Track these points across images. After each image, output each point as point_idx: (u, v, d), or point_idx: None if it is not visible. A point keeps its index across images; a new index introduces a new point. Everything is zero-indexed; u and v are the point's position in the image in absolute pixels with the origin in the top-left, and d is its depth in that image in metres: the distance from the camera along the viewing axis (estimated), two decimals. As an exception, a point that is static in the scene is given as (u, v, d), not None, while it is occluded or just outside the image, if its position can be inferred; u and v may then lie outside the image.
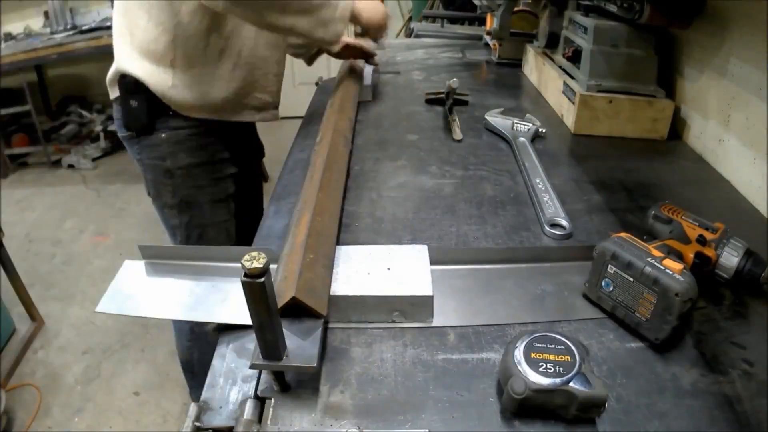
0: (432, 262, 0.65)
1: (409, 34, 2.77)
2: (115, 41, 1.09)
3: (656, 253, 0.60)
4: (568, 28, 1.28)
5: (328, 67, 3.80)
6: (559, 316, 0.62)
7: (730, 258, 0.66)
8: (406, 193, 0.90)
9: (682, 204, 0.88)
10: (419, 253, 0.66)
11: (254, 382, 0.55)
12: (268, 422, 0.49)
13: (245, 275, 0.42)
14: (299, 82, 3.98)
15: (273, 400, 0.51)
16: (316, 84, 1.57)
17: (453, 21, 2.65)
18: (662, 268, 0.57)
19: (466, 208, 0.85)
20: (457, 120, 1.17)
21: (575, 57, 1.19)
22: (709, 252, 0.67)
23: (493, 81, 1.56)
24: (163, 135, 1.11)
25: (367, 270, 0.63)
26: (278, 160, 1.13)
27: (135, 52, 1.05)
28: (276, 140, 3.56)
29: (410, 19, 3.49)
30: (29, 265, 2.24)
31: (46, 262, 2.46)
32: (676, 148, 1.08)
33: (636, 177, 0.96)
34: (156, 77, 1.05)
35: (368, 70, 1.46)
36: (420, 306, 0.60)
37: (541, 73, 1.40)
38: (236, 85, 1.11)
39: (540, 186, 0.89)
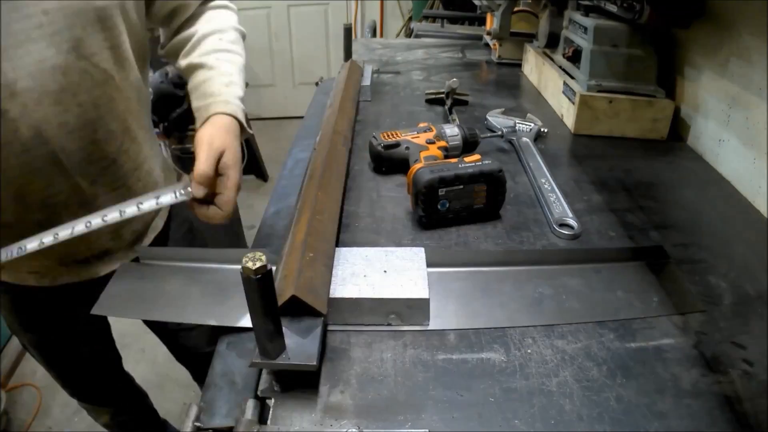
0: (429, 265, 0.65)
1: (409, 34, 2.78)
2: None
3: (452, 160, 0.80)
4: (568, 28, 1.28)
5: (328, 67, 3.82)
6: (557, 319, 0.61)
7: (454, 131, 0.95)
8: (406, 193, 0.90)
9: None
10: (416, 255, 0.66)
11: (254, 382, 0.55)
12: (268, 422, 0.49)
13: (246, 274, 0.42)
14: (299, 82, 3.99)
15: (273, 400, 0.51)
16: (316, 84, 1.57)
17: (453, 21, 2.65)
18: (471, 163, 0.77)
19: (466, 208, 0.85)
20: (457, 120, 1.17)
21: (575, 57, 1.19)
22: (441, 142, 0.93)
23: (493, 81, 1.56)
24: None
25: (363, 272, 0.63)
26: (278, 160, 1.13)
27: None
28: (276, 140, 3.57)
29: (410, 19, 3.50)
30: (29, 265, 2.24)
31: (46, 262, 2.46)
32: (676, 148, 1.08)
33: (636, 177, 0.96)
34: None
35: (368, 69, 1.46)
36: (416, 309, 0.60)
37: (541, 73, 1.40)
38: (30, 232, 0.67)
39: (546, 186, 0.89)
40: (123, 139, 0.79)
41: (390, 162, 0.92)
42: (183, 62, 0.83)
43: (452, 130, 0.96)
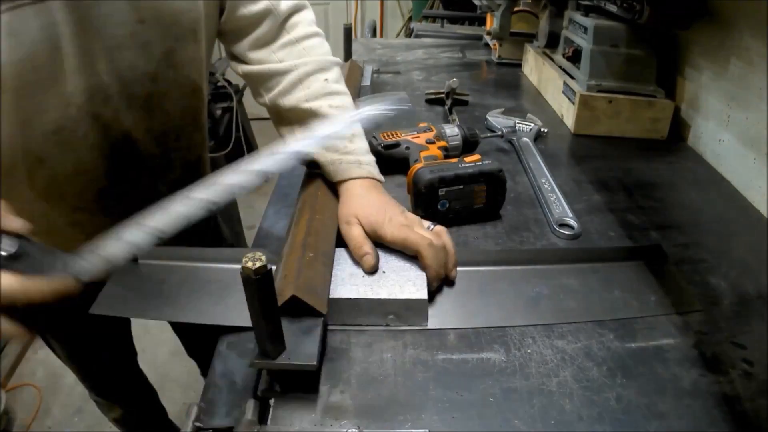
0: (429, 264, 0.65)
1: (409, 34, 2.77)
2: None
3: (452, 160, 0.79)
4: (568, 28, 1.28)
5: (328, 67, 3.82)
6: (554, 319, 0.61)
7: (454, 131, 0.96)
8: (406, 193, 0.90)
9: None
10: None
11: (254, 383, 0.55)
12: (268, 422, 0.49)
13: (246, 274, 0.42)
14: (299, 82, 3.99)
15: (273, 400, 0.51)
16: (316, 84, 1.57)
17: (453, 21, 2.65)
18: (466, 164, 0.77)
19: (466, 208, 0.85)
20: (457, 120, 1.17)
21: (575, 57, 1.19)
22: (441, 142, 0.93)
23: (493, 81, 1.56)
24: None
25: (362, 273, 0.63)
26: (278, 160, 1.13)
27: None
28: (276, 140, 3.57)
29: (410, 19, 3.50)
30: (29, 265, 2.24)
31: (46, 262, 2.46)
32: (676, 148, 1.08)
33: (636, 177, 0.96)
34: None
35: (368, 70, 1.46)
36: (415, 309, 0.60)
37: (541, 73, 1.40)
38: None
39: (546, 186, 0.89)
40: (202, 150, 0.82)
41: (390, 162, 0.91)
42: (281, 101, 0.76)
43: (452, 130, 0.96)
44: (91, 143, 0.68)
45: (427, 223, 0.67)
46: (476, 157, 0.79)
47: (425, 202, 0.76)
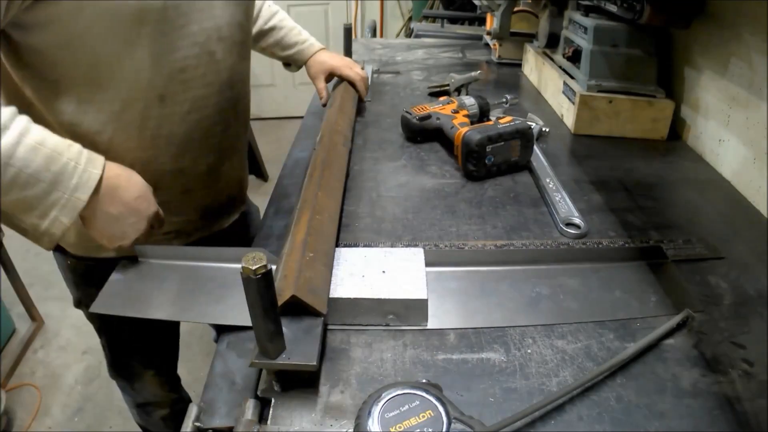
0: (428, 264, 0.65)
1: (409, 34, 2.78)
2: None
3: (490, 121, 0.96)
4: (568, 28, 1.28)
5: (328, 67, 3.82)
6: (554, 319, 0.61)
7: (471, 100, 1.11)
8: (406, 193, 0.90)
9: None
10: (415, 255, 0.66)
11: (254, 382, 0.55)
12: (268, 422, 0.49)
13: (246, 274, 0.42)
14: (299, 83, 3.99)
15: (273, 400, 0.51)
16: (317, 84, 1.57)
17: (453, 21, 2.65)
18: (506, 123, 0.93)
19: (466, 208, 0.85)
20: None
21: (575, 57, 1.19)
22: (463, 111, 1.08)
23: (493, 81, 1.56)
24: (69, 262, 0.92)
25: (362, 273, 0.63)
26: (278, 160, 1.13)
27: None
28: (276, 140, 3.57)
29: (410, 19, 3.50)
30: (29, 265, 2.24)
31: (46, 262, 2.46)
32: (676, 148, 1.08)
33: (636, 177, 0.96)
34: None
35: (368, 69, 1.46)
36: (414, 309, 0.60)
37: (541, 73, 1.40)
38: None
39: (551, 186, 0.89)
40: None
41: (424, 132, 1.08)
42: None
43: (470, 100, 1.11)
44: (207, 81, 0.78)
45: (359, 66, 1.23)
46: (509, 118, 0.96)
47: (476, 158, 0.90)
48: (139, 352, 1.11)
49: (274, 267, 0.62)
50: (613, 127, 1.12)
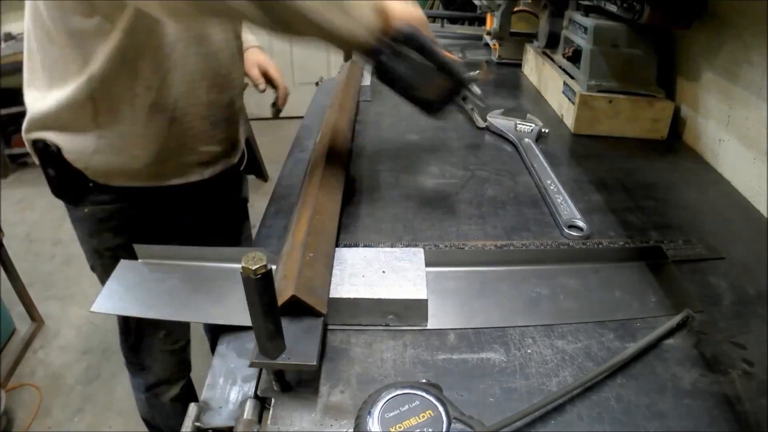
0: (428, 264, 0.65)
1: (409, 34, 2.77)
2: (25, 77, 0.90)
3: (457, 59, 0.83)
4: (568, 28, 1.28)
5: (328, 67, 3.82)
6: (554, 319, 0.61)
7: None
8: (406, 193, 0.90)
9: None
10: (414, 255, 0.66)
11: (254, 382, 0.55)
12: (268, 422, 0.49)
13: (246, 274, 0.42)
14: (299, 83, 3.99)
15: (273, 400, 0.51)
16: (316, 84, 1.57)
17: (453, 21, 2.65)
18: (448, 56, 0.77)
19: (466, 208, 0.85)
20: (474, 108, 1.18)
21: (575, 57, 1.19)
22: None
23: (493, 81, 1.56)
24: (87, 210, 0.95)
25: (361, 273, 0.63)
26: (278, 160, 1.13)
27: (49, 101, 0.85)
28: (276, 140, 3.58)
29: (410, 19, 3.49)
30: (29, 265, 2.25)
31: (46, 262, 2.47)
32: (676, 148, 1.08)
33: (636, 177, 0.96)
34: (74, 143, 0.87)
35: (368, 69, 1.46)
36: (414, 309, 0.60)
37: (541, 73, 1.40)
38: (172, 143, 0.93)
39: (552, 187, 0.89)
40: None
41: None
42: None
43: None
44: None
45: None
46: (458, 57, 0.90)
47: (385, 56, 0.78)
48: (154, 324, 1.12)
49: (274, 267, 0.62)
50: (613, 127, 1.12)
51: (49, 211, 2.84)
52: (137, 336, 1.15)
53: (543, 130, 1.11)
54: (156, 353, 1.18)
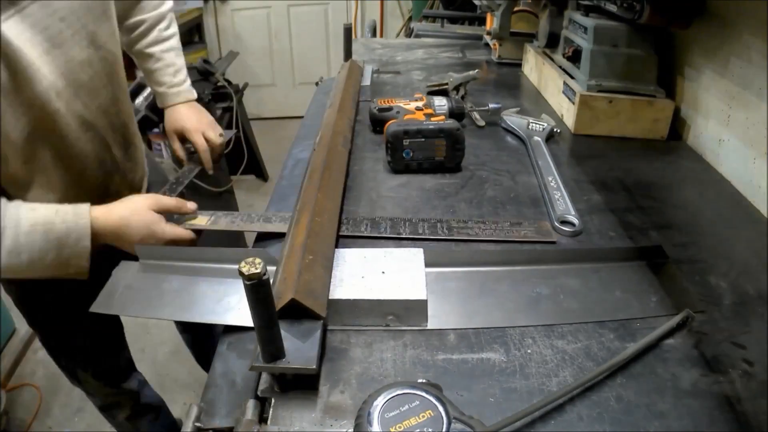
0: (427, 264, 0.65)
1: (409, 33, 2.77)
2: None
3: (421, 118, 0.99)
4: (568, 28, 1.28)
5: (328, 67, 3.82)
6: (554, 319, 0.61)
7: (442, 101, 1.12)
8: (406, 193, 0.90)
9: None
10: (414, 256, 0.66)
11: (254, 383, 0.55)
12: (268, 422, 0.49)
13: (245, 278, 0.42)
14: (299, 82, 3.99)
15: (273, 400, 0.51)
16: (316, 84, 1.57)
17: (453, 21, 2.65)
18: (430, 122, 0.93)
19: (466, 208, 0.85)
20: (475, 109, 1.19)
21: (575, 57, 1.19)
22: (428, 110, 1.09)
23: (493, 81, 1.56)
24: None
25: (361, 273, 0.63)
26: (278, 160, 1.13)
27: None
28: (276, 140, 3.57)
29: (410, 19, 3.50)
30: (29, 265, 2.24)
31: (46, 262, 2.46)
32: (676, 148, 1.08)
33: (636, 177, 0.96)
34: None
35: (368, 69, 1.46)
36: (414, 310, 0.60)
37: (541, 73, 1.40)
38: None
39: (552, 184, 0.89)
40: (128, 105, 0.97)
41: (381, 123, 1.08)
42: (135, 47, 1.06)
43: (440, 101, 1.11)
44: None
45: (219, 130, 1.10)
46: (441, 117, 0.98)
47: (392, 149, 0.92)
48: (74, 353, 1.15)
49: (273, 269, 0.62)
50: (613, 127, 1.11)
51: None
52: (70, 373, 1.19)
53: (555, 129, 1.11)
54: (90, 388, 1.22)
